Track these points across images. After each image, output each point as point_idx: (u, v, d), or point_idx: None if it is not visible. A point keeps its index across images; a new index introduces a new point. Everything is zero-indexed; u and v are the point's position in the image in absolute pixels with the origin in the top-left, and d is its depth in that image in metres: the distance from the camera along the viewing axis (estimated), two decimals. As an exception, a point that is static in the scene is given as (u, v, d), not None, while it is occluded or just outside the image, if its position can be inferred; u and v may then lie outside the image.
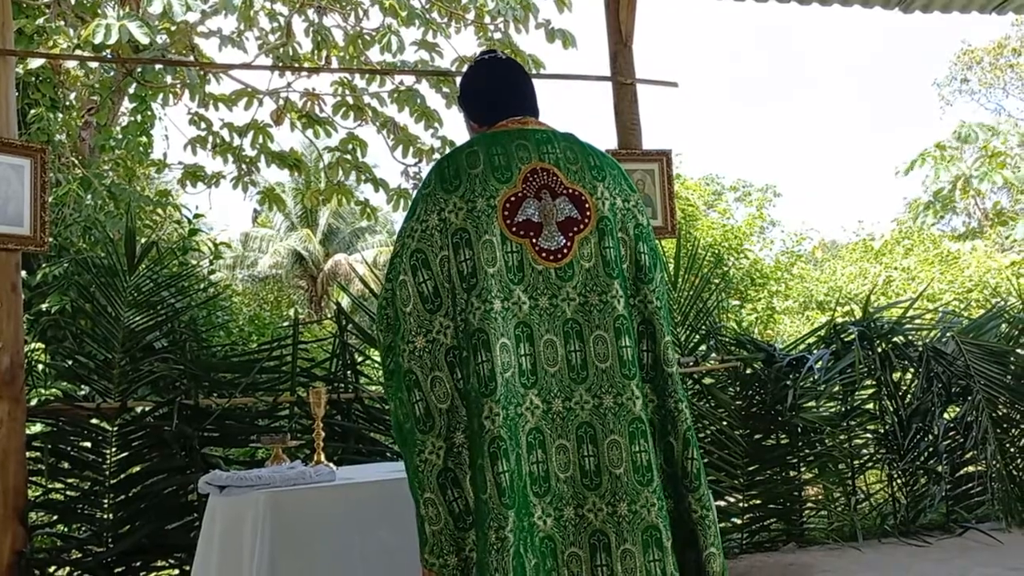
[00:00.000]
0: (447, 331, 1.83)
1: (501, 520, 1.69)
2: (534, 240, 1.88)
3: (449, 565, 1.78)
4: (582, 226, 1.91)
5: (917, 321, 5.44)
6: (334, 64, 5.99)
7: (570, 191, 1.92)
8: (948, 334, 5.17)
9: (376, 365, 4.93)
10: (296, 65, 5.91)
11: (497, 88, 2.08)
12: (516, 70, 2.14)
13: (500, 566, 1.67)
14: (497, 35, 5.86)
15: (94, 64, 6.59)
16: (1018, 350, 5.23)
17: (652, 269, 1.96)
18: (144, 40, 5.08)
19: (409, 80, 5.87)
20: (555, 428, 1.84)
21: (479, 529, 1.72)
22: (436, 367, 1.82)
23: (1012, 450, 5.03)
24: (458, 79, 6.41)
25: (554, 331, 1.87)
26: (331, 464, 2.65)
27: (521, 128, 1.99)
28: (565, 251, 1.89)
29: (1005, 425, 5.04)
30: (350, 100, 5.98)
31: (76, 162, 6.93)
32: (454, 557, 1.78)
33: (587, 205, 1.92)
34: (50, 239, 3.72)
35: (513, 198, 1.88)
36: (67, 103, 7.25)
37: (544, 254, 1.88)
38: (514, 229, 1.87)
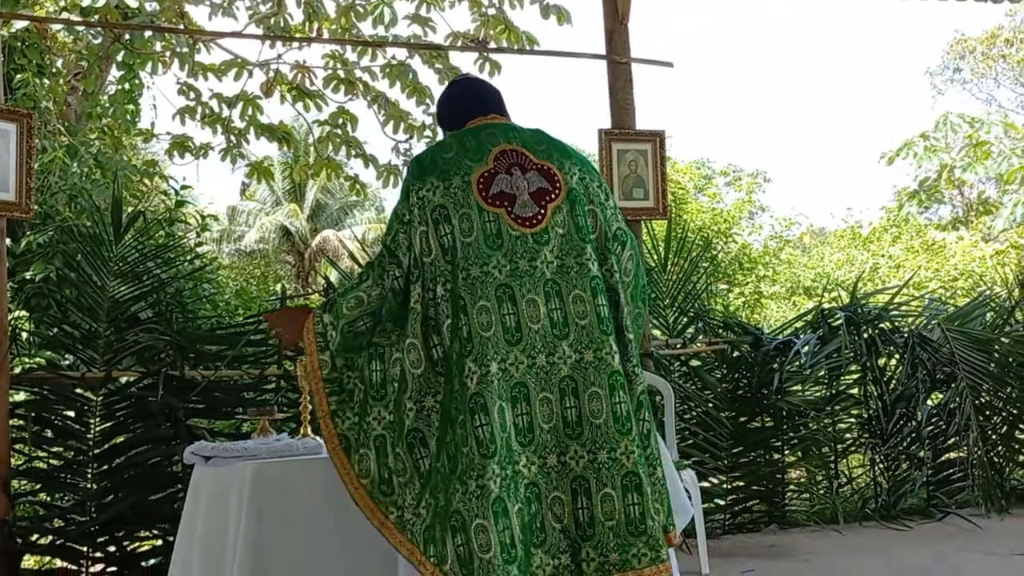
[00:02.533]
0: (421, 301, 1.98)
1: (480, 470, 1.83)
2: (509, 209, 2.02)
3: (406, 508, 1.97)
4: (554, 195, 2.06)
5: (903, 308, 5.46)
6: (325, 36, 5.90)
7: (539, 166, 2.08)
8: (934, 321, 5.20)
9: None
10: (287, 35, 5.83)
11: (469, 95, 2.29)
12: (484, 83, 2.39)
13: (480, 511, 1.81)
14: (491, 11, 5.77)
15: (81, 29, 6.48)
16: (1002, 338, 5.27)
17: (614, 241, 2.10)
18: (132, 4, 5.00)
19: (401, 55, 5.80)
20: (539, 382, 1.96)
21: (459, 481, 1.85)
22: (413, 335, 1.97)
23: (994, 437, 5.08)
24: (451, 54, 6.31)
25: (535, 291, 1.98)
26: (317, 437, 2.64)
27: (489, 123, 2.17)
28: (540, 218, 2.03)
29: (987, 412, 5.09)
30: (341, 74, 5.90)
31: (62, 129, 6.84)
32: (411, 511, 1.96)
33: (556, 177, 2.07)
34: (35, 206, 3.67)
35: (486, 174, 2.04)
36: (54, 69, 7.14)
37: (520, 221, 2.01)
38: (489, 200, 2.01)
